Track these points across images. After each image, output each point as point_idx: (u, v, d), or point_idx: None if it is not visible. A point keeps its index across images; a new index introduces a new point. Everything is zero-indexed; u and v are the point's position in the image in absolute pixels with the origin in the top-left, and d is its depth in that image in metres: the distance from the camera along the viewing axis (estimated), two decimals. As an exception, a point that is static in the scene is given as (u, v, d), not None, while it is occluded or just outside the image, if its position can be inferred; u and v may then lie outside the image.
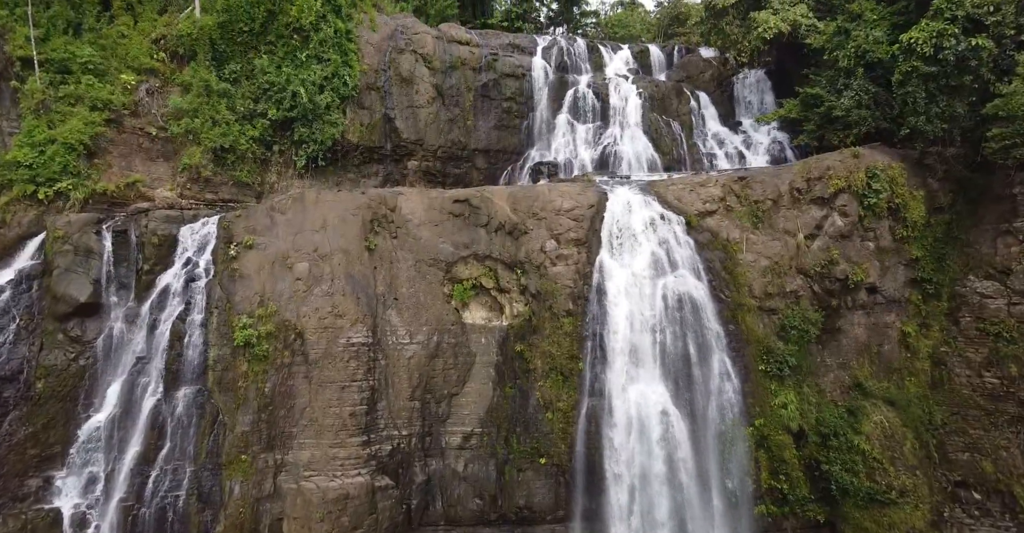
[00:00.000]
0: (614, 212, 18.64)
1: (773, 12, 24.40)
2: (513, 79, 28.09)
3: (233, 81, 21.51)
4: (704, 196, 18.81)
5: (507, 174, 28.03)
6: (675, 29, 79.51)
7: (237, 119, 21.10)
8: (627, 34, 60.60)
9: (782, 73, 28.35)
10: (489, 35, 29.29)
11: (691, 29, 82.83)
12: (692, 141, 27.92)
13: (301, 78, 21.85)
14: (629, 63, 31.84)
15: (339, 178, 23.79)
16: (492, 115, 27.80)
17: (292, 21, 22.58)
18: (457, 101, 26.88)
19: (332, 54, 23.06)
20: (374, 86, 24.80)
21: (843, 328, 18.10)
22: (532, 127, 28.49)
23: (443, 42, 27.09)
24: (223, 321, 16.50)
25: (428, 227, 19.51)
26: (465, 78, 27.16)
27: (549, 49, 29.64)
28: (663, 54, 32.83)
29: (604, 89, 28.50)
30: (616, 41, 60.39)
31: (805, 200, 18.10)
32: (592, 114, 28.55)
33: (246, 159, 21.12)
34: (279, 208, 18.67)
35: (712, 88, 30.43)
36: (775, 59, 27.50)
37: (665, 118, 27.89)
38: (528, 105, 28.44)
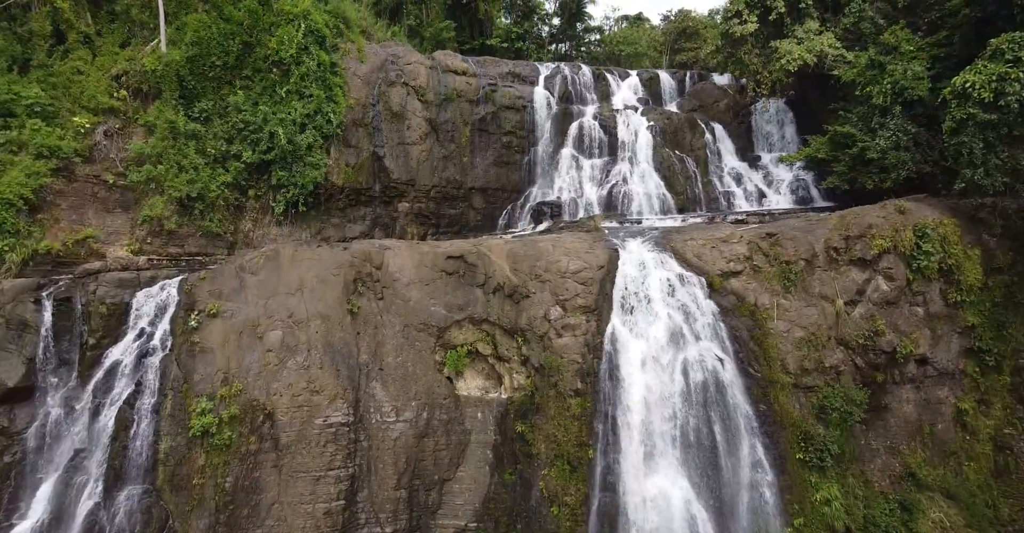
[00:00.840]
0: (627, 273, 16.64)
1: (797, 41, 22.62)
2: (513, 111, 26.31)
3: (204, 120, 19.69)
4: (728, 254, 16.81)
5: (507, 214, 26.16)
6: (682, 44, 78.30)
7: (208, 163, 19.25)
8: (633, 51, 59.07)
9: (804, 103, 26.58)
10: (487, 63, 27.56)
11: (700, 44, 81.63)
12: (707, 178, 26.03)
13: (280, 117, 20.04)
14: (638, 91, 30.09)
15: (322, 224, 21.87)
16: (490, 151, 25.98)
17: (271, 54, 20.85)
18: (452, 136, 25.07)
19: (315, 89, 21.27)
20: (361, 122, 22.99)
21: (890, 406, 16.00)
22: (534, 163, 26.67)
23: (437, 72, 25.34)
24: (179, 405, 14.45)
25: (418, 287, 17.54)
26: (461, 111, 25.36)
27: (552, 78, 27.89)
28: (674, 81, 31.09)
29: (612, 121, 26.71)
30: (621, 58, 59.14)
31: (843, 261, 16.10)
32: (599, 148, 26.75)
33: (217, 207, 19.21)
34: (250, 268, 16.70)
35: (728, 119, 28.62)
36: (797, 89, 25.68)
37: (678, 153, 26.03)
38: (529, 139, 26.63)
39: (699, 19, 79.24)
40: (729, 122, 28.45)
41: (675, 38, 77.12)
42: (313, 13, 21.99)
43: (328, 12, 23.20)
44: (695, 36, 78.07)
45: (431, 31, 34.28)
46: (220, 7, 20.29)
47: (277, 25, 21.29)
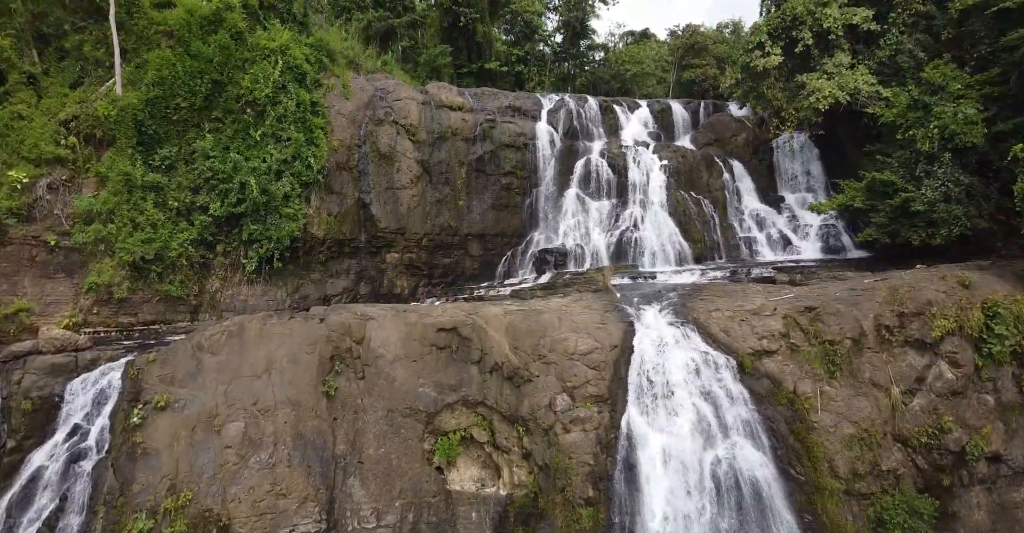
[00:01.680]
0: (644, 353, 14.48)
1: (827, 76, 20.66)
2: (513, 150, 24.35)
3: (167, 168, 17.73)
4: (760, 330, 14.65)
5: (506, 261, 24.09)
6: (690, 59, 76.76)
7: (169, 217, 17.26)
8: (639, 71, 57.44)
9: (832, 138, 24.58)
10: (485, 96, 25.67)
11: (708, 60, 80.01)
12: (726, 222, 23.97)
13: (252, 165, 18.07)
14: (648, 125, 28.16)
15: (300, 280, 19.79)
16: (488, 193, 23.97)
17: (244, 93, 18.95)
18: (447, 178, 23.08)
19: (293, 132, 19.33)
20: (346, 165, 21.02)
21: (958, 513, 13.70)
22: (536, 205, 24.67)
23: (430, 108, 23.42)
24: (112, 524, 12.24)
25: (405, 363, 15.41)
26: (456, 151, 23.41)
27: (556, 112, 25.97)
28: (687, 112, 29.18)
29: (621, 160, 24.74)
30: (627, 78, 57.42)
31: (898, 342, 13.93)
32: (607, 189, 24.76)
33: (178, 267, 17.17)
34: (209, 347, 14.59)
35: (747, 155, 26.65)
36: (825, 125, 23.70)
37: (694, 195, 24.00)
38: (531, 180, 24.65)
39: (707, 34, 77.78)
40: (748, 158, 26.48)
41: (683, 54, 75.71)
42: (292, 48, 20.14)
43: (310, 45, 21.35)
44: (703, 52, 76.64)
45: (426, 56, 32.56)
46: (187, 42, 18.42)
47: (252, 61, 19.44)
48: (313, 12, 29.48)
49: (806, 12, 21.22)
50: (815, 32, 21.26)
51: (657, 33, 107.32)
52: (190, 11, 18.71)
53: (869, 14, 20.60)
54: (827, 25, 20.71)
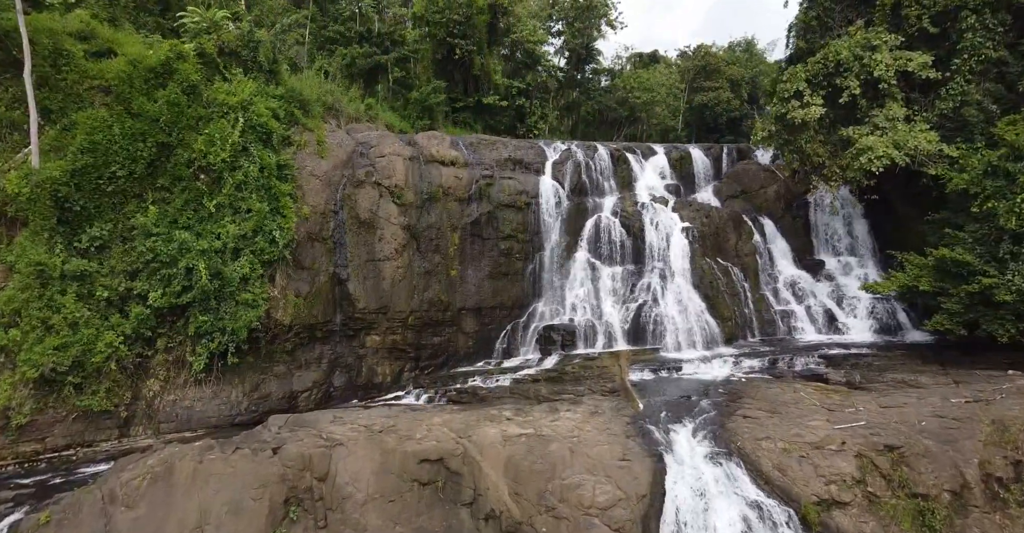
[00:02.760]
0: (680, 503, 11.57)
1: (878, 131, 17.98)
2: (514, 210, 21.65)
3: (98, 250, 15.01)
4: (826, 470, 11.74)
5: (506, 336, 21.26)
6: (702, 82, 74.58)
7: (97, 312, 14.50)
8: (650, 99, 55.08)
9: (881, 194, 21.79)
10: (482, 146, 23.03)
11: (721, 83, 77.75)
12: (759, 293, 21.14)
13: (202, 246, 15.34)
14: (665, 174, 25.49)
15: (261, 376, 16.92)
16: (485, 260, 21.21)
17: (196, 157, 16.32)
18: (437, 246, 20.34)
19: (255, 201, 16.65)
20: (319, 236, 18.30)
21: None
22: (540, 272, 21.90)
23: (419, 164, 20.78)
24: None
25: (379, 505, 12.50)
26: (449, 213, 20.71)
27: (562, 164, 23.30)
28: (708, 158, 26.53)
29: (636, 219, 22.03)
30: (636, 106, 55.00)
31: (1016, 501, 10.98)
32: (621, 253, 22.01)
33: (105, 374, 14.34)
34: (125, 498, 11.69)
35: (778, 210, 23.92)
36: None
37: (721, 262, 21.21)
38: (534, 243, 21.91)
39: (720, 56, 75.65)
40: (780, 215, 23.74)
41: (694, 76, 73.54)
42: (257, 102, 17.57)
43: (279, 97, 18.77)
44: (716, 73, 74.49)
45: (417, 94, 30.03)
46: (128, 99, 15.84)
47: (207, 120, 16.85)
48: (292, 46, 27.10)
49: (852, 58, 18.64)
50: (863, 80, 18.64)
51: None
52: (134, 62, 16.16)
53: (927, 60, 18.00)
54: (877, 73, 18.09)
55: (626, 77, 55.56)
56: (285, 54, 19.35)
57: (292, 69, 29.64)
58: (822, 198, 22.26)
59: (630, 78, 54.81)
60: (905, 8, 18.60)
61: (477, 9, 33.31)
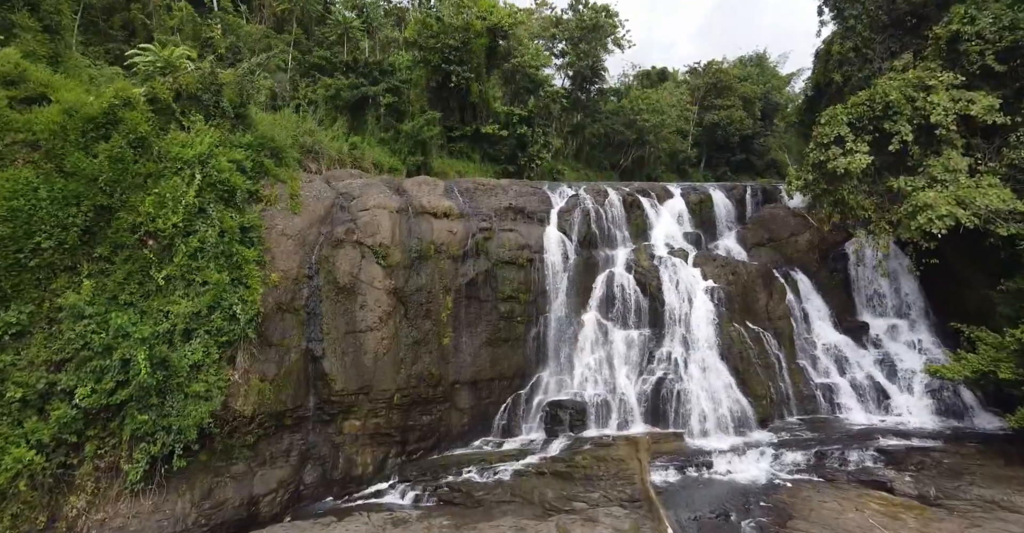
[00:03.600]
0: None
1: (937, 185, 15.76)
2: (515, 268, 19.45)
3: (15, 337, 12.76)
4: None
5: (506, 411, 19.01)
6: (712, 100, 72.70)
7: (7, 416, 12.20)
8: (659, 122, 52.97)
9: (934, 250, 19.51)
10: (479, 192, 20.85)
11: (733, 101, 75.79)
12: (795, 363, 18.85)
13: (143, 333, 13.10)
14: (683, 220, 23.27)
15: (215, 478, 14.55)
16: (482, 325, 18.96)
17: (143, 222, 14.11)
18: (428, 311, 18.08)
19: (213, 271, 14.43)
20: (290, 306, 16.05)
21: None
22: (544, 337, 19.65)
23: (408, 217, 18.61)
24: None
25: None
26: (441, 273, 18.47)
27: (568, 213, 21.10)
28: (730, 201, 24.33)
29: (653, 276, 19.79)
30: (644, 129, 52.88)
31: None
32: (636, 315, 19.76)
33: (11, 496, 12.01)
34: None
35: (812, 262, 21.67)
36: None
37: (752, 327, 18.95)
38: (537, 304, 19.67)
39: (731, 73, 73.80)
40: (815, 268, 21.48)
41: (704, 94, 71.58)
42: (218, 155, 15.42)
43: (246, 146, 16.62)
44: (727, 91, 72.59)
45: (409, 127, 27.87)
46: (60, 156, 13.68)
47: (158, 177, 14.66)
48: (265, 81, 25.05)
49: (903, 99, 16.51)
50: (916, 124, 16.46)
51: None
52: (70, 111, 14.02)
53: (994, 103, 15.86)
54: (935, 118, 15.92)
55: (633, 97, 53.50)
56: (255, 96, 17.14)
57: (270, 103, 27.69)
58: (862, 250, 19.97)
59: (638, 99, 52.75)
60: (964, 43, 16.47)
61: (475, 33, 31.35)
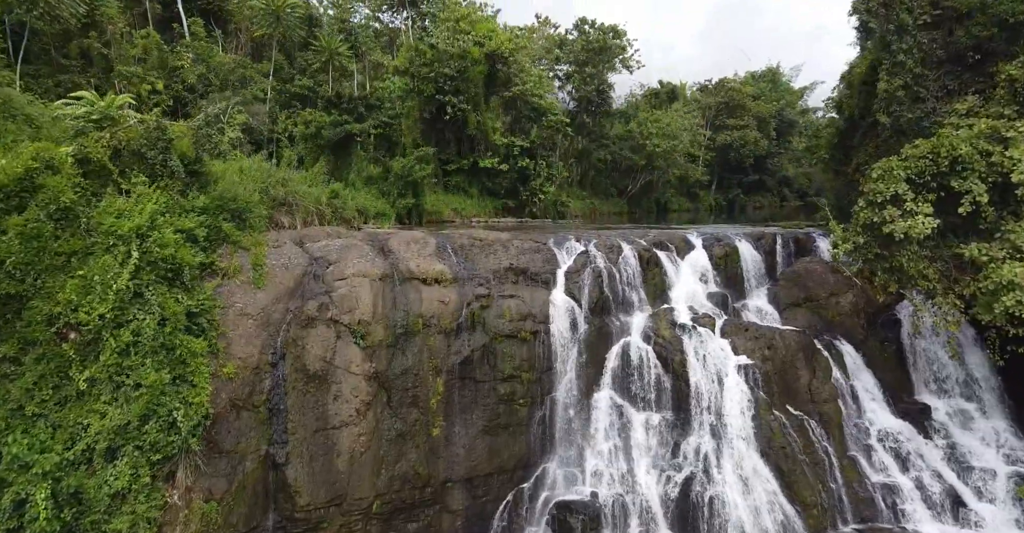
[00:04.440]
0: None
1: (1020, 256, 13.40)
2: (517, 343, 17.08)
3: None
4: None
5: (505, 513, 16.58)
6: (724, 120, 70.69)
7: None
8: (671, 147, 50.91)
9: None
10: (474, 250, 18.56)
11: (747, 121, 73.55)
12: (847, 456, 16.40)
13: (46, 465, 10.73)
14: (707, 277, 20.90)
15: (148, 628, 12.05)
16: (479, 411, 16.57)
17: (62, 312, 11.78)
18: (415, 397, 15.70)
19: (149, 370, 12.10)
20: (248, 402, 13.68)
21: None
22: (550, 421, 17.26)
23: (393, 285, 16.32)
24: None
25: None
26: (431, 352, 16.12)
27: (577, 273, 18.76)
28: (759, 253, 21.97)
29: (676, 349, 17.45)
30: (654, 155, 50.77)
31: None
32: (657, 393, 17.39)
33: None
34: None
35: (857, 329, 19.29)
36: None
37: (793, 412, 16.54)
38: (543, 383, 17.29)
39: (744, 91, 71.96)
40: (861, 337, 19.07)
41: (716, 113, 69.67)
42: (162, 225, 13.14)
43: (200, 209, 14.37)
44: (739, 109, 70.66)
45: (399, 167, 25.65)
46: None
47: (84, 255, 12.39)
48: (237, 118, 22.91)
49: (975, 153, 14.21)
50: (991, 182, 14.16)
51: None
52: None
53: (1087, 161, 13.53)
54: (1017, 177, 13.61)
55: (642, 120, 51.43)
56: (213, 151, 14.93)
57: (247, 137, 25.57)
58: (919, 319, 17.56)
59: (647, 122, 50.71)
60: (1046, 87, 14.25)
61: (472, 61, 29.24)
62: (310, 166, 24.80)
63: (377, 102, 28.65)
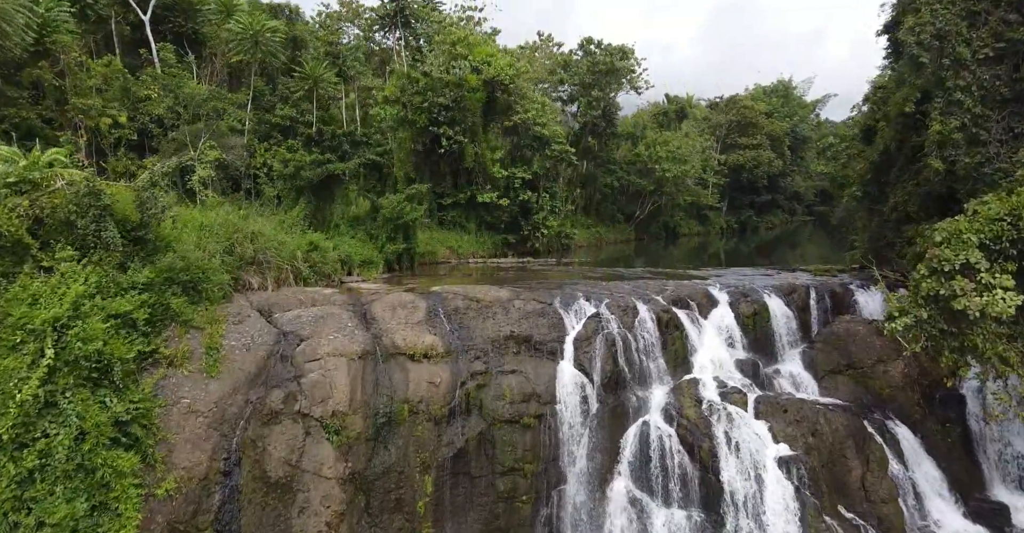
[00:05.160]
0: None
1: None
2: (519, 429, 14.98)
3: None
4: None
5: (508, 633, 14.13)
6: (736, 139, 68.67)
7: None
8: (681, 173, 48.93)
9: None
10: (471, 313, 16.48)
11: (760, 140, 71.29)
12: (910, 569, 14.06)
13: None
14: (734, 339, 18.77)
15: None
16: (474, 513, 14.39)
17: (-44, 429, 9.63)
18: (399, 500, 13.54)
19: (59, 500, 10.04)
20: (191, 524, 11.53)
21: None
22: (558, 520, 15.22)
23: (375, 363, 14.28)
24: None
25: None
26: (419, 444, 14.01)
27: (587, 341, 16.61)
28: (791, 310, 19.80)
29: (703, 433, 15.28)
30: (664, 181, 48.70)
31: None
32: (682, 486, 15.21)
33: None
34: None
35: (911, 405, 17.12)
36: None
37: (846, 515, 14.29)
38: (549, 474, 15.15)
39: (756, 108, 70.03)
40: (918, 416, 16.84)
41: (727, 132, 67.66)
42: (88, 314, 11.04)
43: (141, 287, 12.29)
44: (752, 128, 68.68)
45: (388, 209, 23.51)
46: None
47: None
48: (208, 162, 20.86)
49: (1065, 217, 12.11)
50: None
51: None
52: None
53: None
54: (1121, 249, 11.52)
55: (651, 141, 49.45)
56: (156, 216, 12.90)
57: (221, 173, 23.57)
58: (986, 399, 15.38)
59: (656, 144, 48.75)
60: None
61: (469, 88, 27.28)
62: (289, 207, 22.75)
63: (364, 138, 26.67)
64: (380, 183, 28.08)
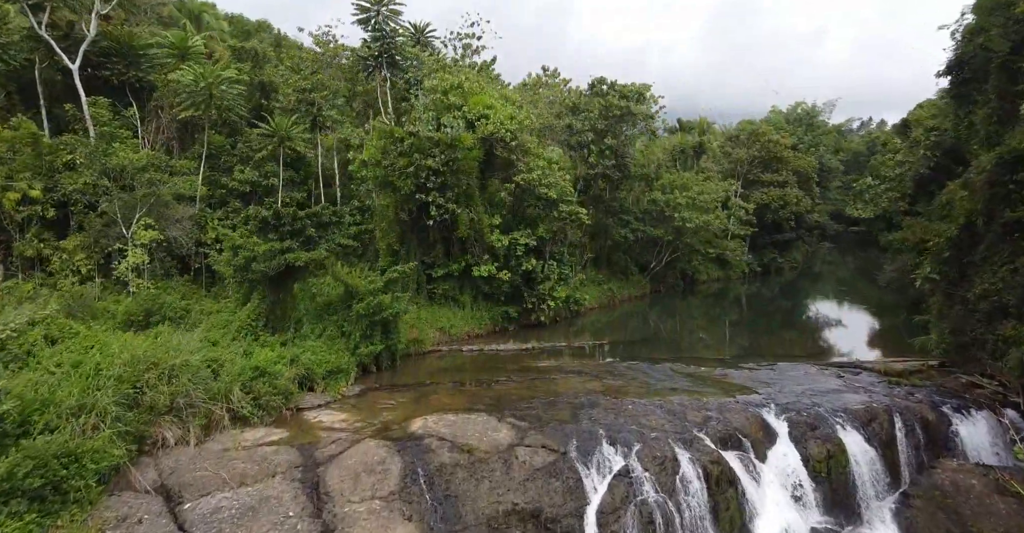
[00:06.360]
0: None
1: None
2: None
3: None
4: None
5: None
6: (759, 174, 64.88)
7: None
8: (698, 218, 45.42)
9: None
10: (459, 473, 12.98)
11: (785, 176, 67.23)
12: None
13: None
14: (803, 495, 15.07)
15: None
16: None
17: None
18: None
19: None
20: None
21: None
22: None
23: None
24: None
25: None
26: None
27: (616, 514, 12.85)
28: (874, 449, 15.93)
29: None
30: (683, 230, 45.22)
31: None
32: None
33: None
34: None
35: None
36: None
37: None
38: None
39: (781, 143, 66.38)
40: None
41: (749, 168, 63.99)
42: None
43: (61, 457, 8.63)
44: (777, 162, 65.01)
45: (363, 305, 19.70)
46: None
47: None
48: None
49: None
50: None
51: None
52: None
53: None
54: None
55: (667, 183, 46.08)
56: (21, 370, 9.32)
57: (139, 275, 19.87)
58: None
59: (673, 188, 45.37)
60: None
61: (464, 148, 23.84)
62: (240, 304, 19.21)
63: (334, 218, 23.22)
64: (359, 258, 24.70)
